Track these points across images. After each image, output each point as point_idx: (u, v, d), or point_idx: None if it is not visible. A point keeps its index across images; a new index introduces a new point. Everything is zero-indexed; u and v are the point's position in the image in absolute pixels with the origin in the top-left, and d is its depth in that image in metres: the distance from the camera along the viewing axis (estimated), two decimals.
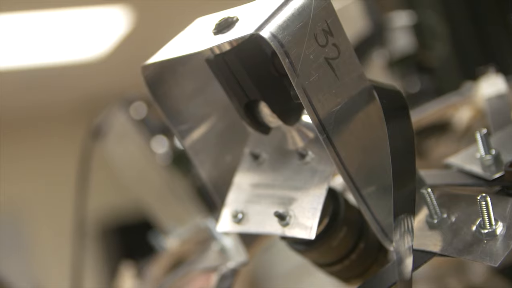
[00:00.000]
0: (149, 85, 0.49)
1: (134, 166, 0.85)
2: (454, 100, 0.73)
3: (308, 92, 0.43)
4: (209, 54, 0.47)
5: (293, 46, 0.42)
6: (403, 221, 0.43)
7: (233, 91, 0.47)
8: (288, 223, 0.47)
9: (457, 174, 0.51)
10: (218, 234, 0.59)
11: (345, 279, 0.54)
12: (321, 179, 0.47)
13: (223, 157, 0.53)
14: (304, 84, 0.42)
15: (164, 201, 0.83)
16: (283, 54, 0.42)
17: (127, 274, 0.80)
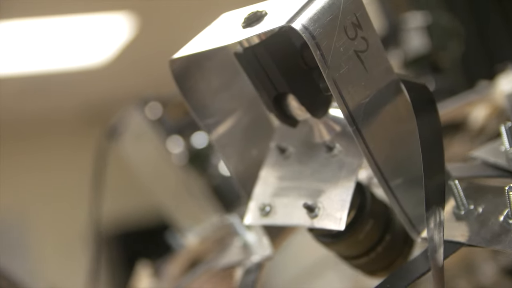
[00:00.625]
0: (176, 79, 0.50)
1: (150, 166, 0.85)
2: (472, 97, 0.74)
3: (338, 84, 0.43)
4: (238, 47, 0.48)
5: (324, 38, 0.43)
6: (435, 212, 0.44)
7: (262, 84, 0.47)
8: (317, 215, 0.47)
9: (482, 166, 0.51)
10: (241, 229, 0.60)
11: (370, 272, 0.54)
12: (349, 171, 0.48)
13: (249, 151, 0.54)
14: (335, 76, 0.43)
15: (180, 200, 0.84)
16: (314, 46, 0.42)
17: (143, 273, 0.80)
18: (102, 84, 3.77)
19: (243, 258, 0.58)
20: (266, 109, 0.49)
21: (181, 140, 0.89)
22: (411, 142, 0.48)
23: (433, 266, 0.41)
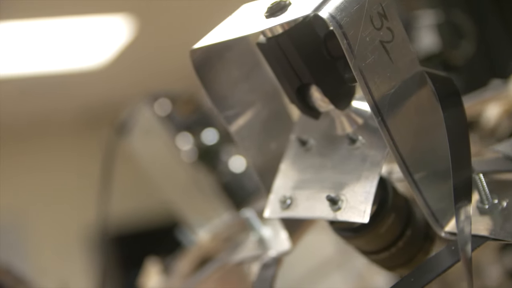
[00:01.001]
0: (196, 69, 0.49)
1: (160, 162, 0.85)
2: (485, 96, 0.74)
3: (364, 74, 0.43)
4: (260, 38, 0.47)
5: (351, 28, 0.42)
6: (464, 206, 0.43)
7: (285, 75, 0.47)
8: (340, 208, 0.47)
9: (504, 161, 0.51)
10: (256, 223, 0.59)
11: (390, 267, 0.54)
12: (372, 163, 0.47)
13: (268, 144, 0.53)
14: (361, 66, 0.43)
15: (189, 197, 0.83)
16: (341, 35, 0.42)
17: (152, 270, 0.80)
18: (100, 86, 3.77)
19: (259, 253, 0.57)
20: (288, 100, 0.49)
21: (190, 137, 0.89)
22: (434, 135, 0.48)
23: (463, 259, 0.41)
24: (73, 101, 3.88)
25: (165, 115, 0.87)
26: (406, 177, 0.45)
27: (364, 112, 0.49)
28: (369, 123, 0.49)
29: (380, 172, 0.47)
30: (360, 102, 0.50)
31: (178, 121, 0.89)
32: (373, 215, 0.49)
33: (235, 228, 0.80)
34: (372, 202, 0.46)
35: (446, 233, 0.47)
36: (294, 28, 0.46)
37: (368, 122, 0.49)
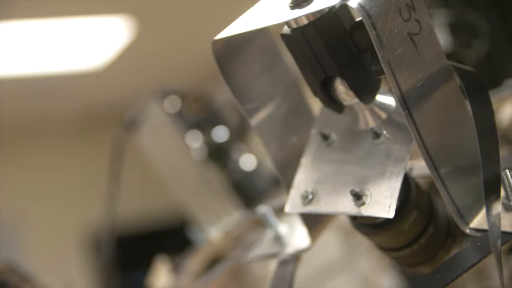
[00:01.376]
0: (218, 60, 0.49)
1: (169, 160, 0.84)
2: (501, 95, 0.73)
3: (392, 66, 0.42)
4: (285, 29, 0.47)
5: (380, 18, 0.42)
6: (493, 201, 0.43)
7: (309, 67, 0.46)
8: (364, 202, 0.46)
9: None
10: (273, 220, 0.59)
11: (410, 265, 0.53)
12: (397, 158, 0.47)
13: (288, 138, 0.53)
14: (389, 58, 0.42)
15: (199, 195, 0.82)
16: (370, 26, 0.41)
17: (161, 269, 0.79)
18: (101, 87, 3.77)
19: (276, 250, 0.56)
20: (312, 93, 0.48)
21: (199, 135, 0.88)
22: (459, 130, 0.47)
23: (495, 254, 0.40)
24: (73, 102, 3.88)
25: (175, 112, 0.87)
26: (432, 172, 0.45)
27: (388, 107, 0.49)
28: (393, 118, 0.49)
29: (405, 167, 0.46)
30: (384, 97, 0.49)
31: (188, 119, 0.88)
32: (396, 211, 0.48)
33: (246, 227, 0.79)
34: (397, 197, 0.45)
35: (471, 230, 0.47)
36: (320, 19, 0.45)
37: (392, 117, 0.49)
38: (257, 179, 0.84)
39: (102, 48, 3.29)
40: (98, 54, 3.34)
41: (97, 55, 3.36)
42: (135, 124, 0.85)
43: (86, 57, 3.34)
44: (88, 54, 3.32)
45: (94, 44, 3.23)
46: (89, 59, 3.37)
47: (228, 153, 0.86)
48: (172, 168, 0.84)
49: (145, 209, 4.20)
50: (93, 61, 3.40)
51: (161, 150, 0.84)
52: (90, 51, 3.30)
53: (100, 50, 3.31)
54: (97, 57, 3.37)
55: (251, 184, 0.84)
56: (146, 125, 0.85)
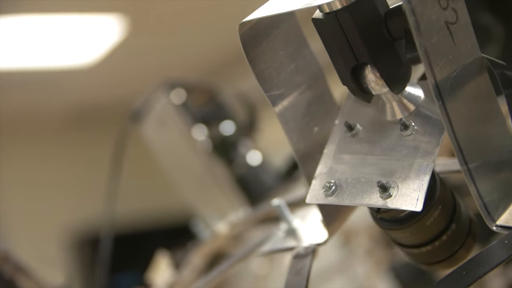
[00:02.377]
0: (244, 44, 0.48)
1: (174, 152, 0.83)
2: None
3: (429, 54, 0.42)
4: (317, 13, 0.46)
5: (419, 4, 0.41)
6: None
7: (340, 53, 0.45)
8: (391, 195, 0.45)
9: None
10: (286, 213, 0.58)
11: (429, 263, 0.52)
12: (426, 151, 0.46)
13: (310, 128, 0.52)
14: (426, 45, 0.42)
15: (204, 189, 0.81)
16: (410, 11, 0.41)
17: (162, 264, 0.78)
18: (88, 85, 3.76)
19: (292, 244, 0.56)
20: (341, 81, 0.47)
21: (205, 128, 0.87)
22: (490, 124, 0.47)
23: None
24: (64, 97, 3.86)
25: (181, 104, 0.86)
26: (462, 166, 0.44)
27: (417, 99, 0.48)
28: (421, 110, 0.48)
29: (434, 160, 0.46)
30: (413, 88, 0.48)
31: (194, 112, 0.87)
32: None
33: (252, 222, 0.78)
34: (426, 191, 0.45)
35: (497, 227, 0.46)
36: (355, 4, 0.44)
37: (420, 109, 0.48)
38: (262, 175, 0.83)
39: (94, 45, 3.29)
40: (89, 50, 3.34)
41: (87, 53, 3.36)
42: (141, 116, 0.84)
43: (77, 53, 3.34)
44: (80, 50, 3.32)
45: (84, 42, 3.22)
46: (81, 55, 3.37)
47: (234, 148, 0.85)
48: (177, 161, 0.83)
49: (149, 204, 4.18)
50: (85, 57, 3.40)
51: (166, 142, 0.83)
52: (80, 49, 3.30)
53: (90, 47, 3.30)
54: (88, 53, 3.37)
55: (257, 180, 0.83)
56: (151, 117, 0.84)
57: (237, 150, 0.85)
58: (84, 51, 3.33)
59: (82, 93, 3.88)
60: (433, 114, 0.47)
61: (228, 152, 0.85)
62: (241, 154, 0.85)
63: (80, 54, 3.35)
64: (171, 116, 0.82)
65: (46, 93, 3.71)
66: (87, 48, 3.31)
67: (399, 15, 0.44)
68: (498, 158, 0.47)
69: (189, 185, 0.82)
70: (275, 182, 0.83)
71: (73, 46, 3.25)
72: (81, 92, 3.85)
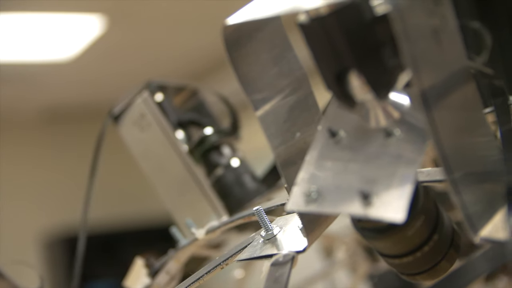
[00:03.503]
0: (227, 47, 0.48)
1: (152, 155, 0.82)
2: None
3: (415, 61, 0.42)
4: (303, 18, 0.46)
5: (407, 11, 0.41)
6: None
7: (325, 58, 0.45)
8: (373, 204, 0.45)
9: None
10: (266, 221, 0.57)
11: (410, 274, 0.52)
12: (410, 159, 0.46)
13: (292, 133, 0.52)
14: (413, 52, 0.42)
15: (182, 193, 0.80)
16: (397, 17, 0.40)
17: (140, 270, 0.77)
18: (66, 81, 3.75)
19: (271, 251, 0.55)
20: (325, 86, 0.47)
21: (185, 131, 0.87)
22: (475, 134, 0.47)
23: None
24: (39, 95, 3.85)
25: (160, 105, 0.85)
26: (447, 175, 0.44)
27: (401, 106, 0.48)
28: (406, 118, 0.48)
29: (417, 169, 0.45)
30: (398, 95, 0.48)
31: (173, 113, 0.86)
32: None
33: (232, 229, 0.78)
34: (408, 200, 0.44)
35: (481, 239, 0.46)
36: (341, 9, 0.44)
37: (405, 116, 0.48)
38: (244, 181, 0.83)
39: (73, 41, 3.29)
40: (66, 47, 3.35)
41: (63, 50, 3.36)
42: (120, 116, 0.83)
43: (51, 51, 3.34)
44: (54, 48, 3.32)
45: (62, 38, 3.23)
46: (57, 51, 3.37)
47: (214, 152, 0.85)
48: (155, 164, 0.82)
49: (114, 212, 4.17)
50: (61, 53, 3.41)
51: (144, 144, 0.82)
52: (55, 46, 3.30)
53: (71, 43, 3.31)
54: (65, 50, 3.37)
55: (238, 186, 0.82)
56: (129, 118, 0.83)
57: (218, 154, 0.84)
58: (61, 47, 3.33)
59: (59, 91, 3.87)
60: (418, 122, 0.47)
61: (208, 156, 0.84)
62: (222, 159, 0.84)
63: (58, 49, 3.36)
64: (149, 117, 0.81)
65: (21, 90, 3.69)
66: (66, 44, 3.32)
67: (387, 21, 0.43)
68: (482, 168, 0.47)
69: (168, 190, 0.81)
70: (257, 189, 0.82)
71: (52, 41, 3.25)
72: (58, 89, 3.84)
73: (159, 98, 0.86)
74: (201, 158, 0.85)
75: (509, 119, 0.46)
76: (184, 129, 0.88)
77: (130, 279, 0.78)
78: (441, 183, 0.51)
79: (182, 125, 0.88)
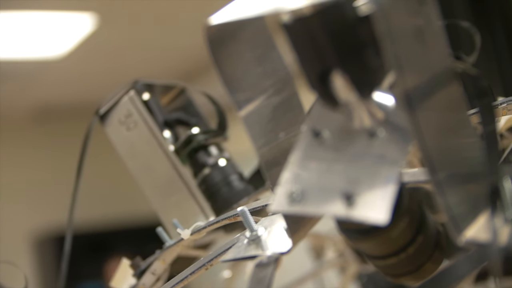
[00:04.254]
0: (210, 46, 0.48)
1: (139, 154, 0.82)
2: None
3: (399, 61, 0.42)
4: (286, 17, 0.46)
5: (391, 11, 0.41)
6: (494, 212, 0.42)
7: (309, 57, 0.45)
8: (356, 205, 0.45)
9: None
10: (251, 222, 0.57)
11: (395, 275, 0.52)
12: (393, 160, 0.46)
13: (277, 134, 0.52)
14: (397, 52, 0.41)
15: (169, 194, 0.80)
16: (380, 17, 0.40)
17: (127, 271, 0.76)
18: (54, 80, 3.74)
19: (255, 252, 0.55)
20: (308, 86, 0.47)
21: (174, 130, 0.86)
22: (459, 135, 0.47)
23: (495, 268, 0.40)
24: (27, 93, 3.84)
25: (147, 105, 0.85)
26: (432, 176, 0.44)
27: (385, 107, 0.48)
28: (390, 118, 0.48)
29: (400, 170, 0.45)
30: (382, 95, 0.48)
31: (160, 113, 0.86)
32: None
33: (219, 229, 0.77)
34: (391, 201, 0.44)
35: (465, 240, 0.46)
36: (324, 10, 0.44)
37: (389, 117, 0.48)
38: (231, 181, 0.82)
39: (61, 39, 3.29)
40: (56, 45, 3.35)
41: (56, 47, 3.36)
42: (106, 115, 0.83)
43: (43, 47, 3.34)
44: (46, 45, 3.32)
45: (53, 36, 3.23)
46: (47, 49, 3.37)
47: (202, 153, 0.84)
48: (142, 164, 0.82)
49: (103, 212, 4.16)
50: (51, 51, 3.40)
51: (131, 144, 0.82)
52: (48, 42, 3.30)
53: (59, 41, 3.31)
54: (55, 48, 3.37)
55: (225, 187, 0.82)
56: (116, 117, 0.82)
57: (205, 154, 0.84)
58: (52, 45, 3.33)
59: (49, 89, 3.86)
60: (402, 122, 0.46)
61: (195, 156, 0.84)
62: (210, 159, 0.84)
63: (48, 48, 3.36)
64: (136, 116, 0.81)
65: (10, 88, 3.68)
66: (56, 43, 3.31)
67: (370, 21, 0.43)
68: (467, 170, 0.47)
69: (154, 190, 0.81)
70: (245, 189, 0.82)
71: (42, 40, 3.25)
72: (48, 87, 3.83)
73: (146, 97, 0.86)
74: (188, 158, 0.85)
75: (493, 120, 0.46)
76: (171, 128, 0.88)
77: (116, 280, 0.78)
78: (426, 184, 0.50)
79: (169, 125, 0.88)
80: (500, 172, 0.45)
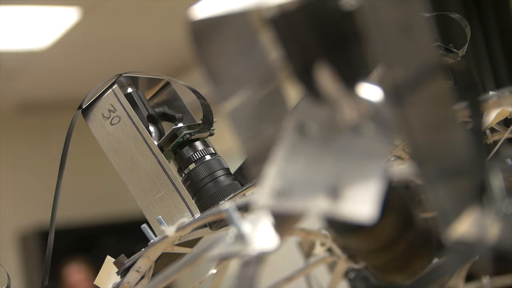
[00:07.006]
0: (194, 39, 0.47)
1: (122, 149, 0.81)
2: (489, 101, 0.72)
3: (386, 55, 0.41)
4: (271, 11, 0.45)
5: (377, 3, 0.41)
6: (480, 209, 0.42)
7: (295, 52, 0.45)
8: (341, 199, 0.45)
9: None
10: (236, 218, 0.57)
11: (384, 271, 0.52)
12: (378, 155, 0.46)
13: (261, 129, 0.51)
14: (383, 46, 0.41)
15: (153, 190, 0.80)
16: (368, 11, 0.40)
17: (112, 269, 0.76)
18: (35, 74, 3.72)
19: (240, 249, 0.55)
20: (294, 80, 0.46)
21: (158, 125, 0.86)
22: (446, 131, 0.47)
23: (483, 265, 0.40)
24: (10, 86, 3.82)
25: (131, 99, 0.84)
26: (420, 171, 0.44)
27: (372, 100, 0.48)
28: (376, 113, 0.47)
29: (387, 164, 0.45)
30: (370, 90, 0.48)
31: (145, 106, 0.86)
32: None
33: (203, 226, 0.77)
34: (377, 195, 0.44)
35: (452, 238, 0.46)
36: (311, 5, 0.44)
37: (375, 112, 0.47)
38: (218, 177, 0.82)
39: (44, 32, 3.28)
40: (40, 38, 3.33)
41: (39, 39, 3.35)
42: (89, 110, 0.82)
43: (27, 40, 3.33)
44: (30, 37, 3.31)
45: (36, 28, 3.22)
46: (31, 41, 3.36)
47: (187, 147, 0.84)
48: (125, 160, 0.82)
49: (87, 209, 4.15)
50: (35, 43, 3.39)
51: (114, 138, 0.82)
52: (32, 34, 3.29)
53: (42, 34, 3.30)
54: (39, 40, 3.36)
55: (211, 182, 0.82)
56: (98, 111, 0.82)
57: (191, 149, 0.83)
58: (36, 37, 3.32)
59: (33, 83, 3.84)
60: (389, 117, 0.46)
61: (180, 151, 0.84)
62: (195, 154, 0.83)
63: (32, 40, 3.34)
64: (119, 111, 0.81)
65: None
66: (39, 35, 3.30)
67: (356, 14, 0.43)
68: (454, 166, 0.47)
69: (139, 186, 0.81)
70: (231, 185, 0.82)
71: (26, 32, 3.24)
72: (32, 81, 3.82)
73: (129, 91, 0.85)
74: (173, 153, 0.84)
75: (481, 115, 0.46)
76: (155, 123, 0.87)
77: (100, 278, 0.77)
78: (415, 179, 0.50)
79: (154, 119, 0.87)
80: (487, 167, 0.45)
